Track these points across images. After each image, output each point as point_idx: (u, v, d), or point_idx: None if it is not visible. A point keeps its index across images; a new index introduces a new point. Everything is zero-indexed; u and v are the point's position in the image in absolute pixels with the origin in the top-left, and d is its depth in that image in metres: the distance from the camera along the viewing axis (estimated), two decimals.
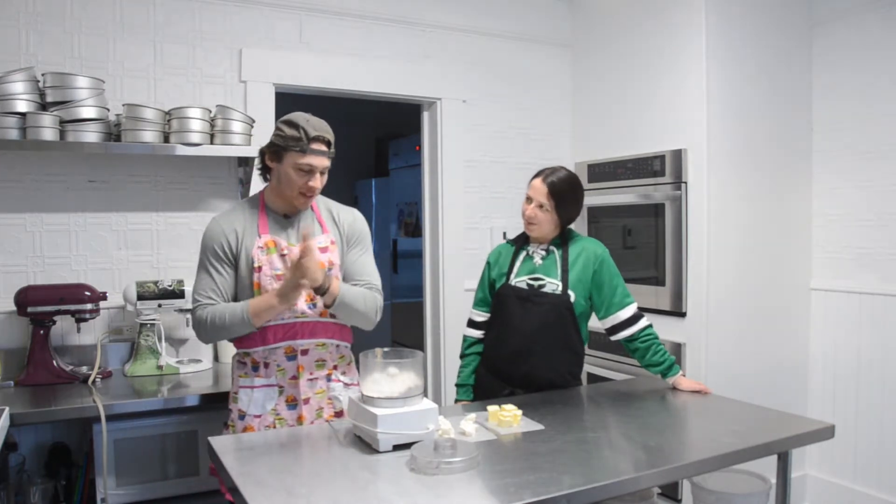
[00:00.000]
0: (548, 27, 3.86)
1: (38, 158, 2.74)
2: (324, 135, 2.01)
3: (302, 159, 1.98)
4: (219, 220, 2.09)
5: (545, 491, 1.49)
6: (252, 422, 2.04)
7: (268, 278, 2.01)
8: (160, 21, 2.94)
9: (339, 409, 2.11)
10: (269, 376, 2.06)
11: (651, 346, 2.37)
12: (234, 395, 2.09)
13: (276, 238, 2.05)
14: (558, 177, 2.35)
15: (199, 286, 2.05)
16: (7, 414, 2.04)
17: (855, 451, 3.25)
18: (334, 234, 2.15)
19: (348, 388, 2.15)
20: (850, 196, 3.28)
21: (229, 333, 2.03)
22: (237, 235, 2.05)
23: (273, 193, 2.10)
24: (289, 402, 2.06)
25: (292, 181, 2.01)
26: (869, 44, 3.18)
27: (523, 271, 2.39)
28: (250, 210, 2.10)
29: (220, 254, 2.04)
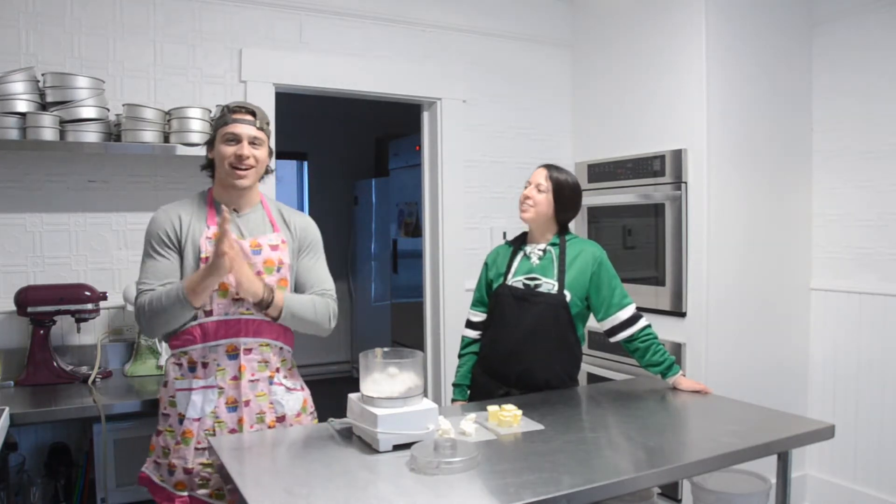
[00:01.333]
0: (548, 27, 3.86)
1: (38, 158, 2.74)
2: (244, 105, 2.05)
3: (226, 129, 2.01)
4: (165, 208, 2.07)
5: (545, 491, 1.49)
6: (191, 426, 1.95)
7: None
8: (160, 21, 2.94)
9: (282, 414, 2.04)
10: (207, 377, 1.97)
11: (651, 346, 2.37)
12: (171, 399, 1.99)
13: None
14: (562, 172, 2.41)
15: (141, 275, 1.99)
16: (7, 414, 2.04)
17: (855, 451, 3.25)
18: (285, 234, 2.11)
19: (291, 392, 2.08)
20: (850, 196, 3.28)
21: (169, 317, 1.93)
22: (181, 222, 2.01)
23: (219, 185, 2.09)
24: (229, 403, 1.97)
25: (222, 154, 2.01)
26: (869, 44, 3.18)
27: (520, 271, 2.40)
28: (199, 202, 2.09)
29: (165, 240, 2.00)
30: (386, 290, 6.02)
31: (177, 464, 1.95)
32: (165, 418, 2.01)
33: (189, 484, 1.95)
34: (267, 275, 2.02)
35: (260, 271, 2.00)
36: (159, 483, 1.98)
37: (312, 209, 6.41)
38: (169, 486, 1.96)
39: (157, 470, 1.99)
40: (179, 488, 1.96)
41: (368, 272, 6.26)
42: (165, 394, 2.03)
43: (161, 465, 1.98)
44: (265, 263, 2.02)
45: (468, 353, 2.54)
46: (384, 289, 6.07)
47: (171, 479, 1.96)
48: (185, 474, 1.94)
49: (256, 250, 2.02)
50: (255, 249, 2.02)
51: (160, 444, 2.00)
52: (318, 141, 6.31)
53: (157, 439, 2.01)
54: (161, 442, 2.00)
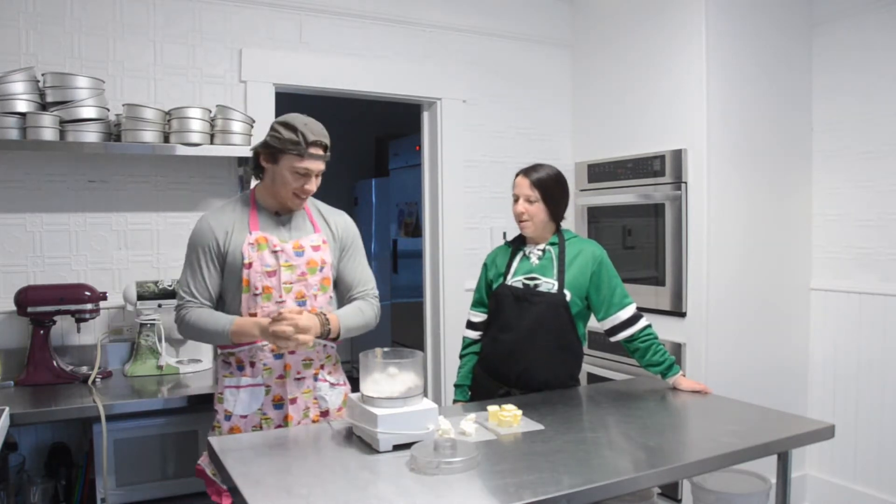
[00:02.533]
0: (548, 27, 3.86)
1: (38, 158, 2.74)
2: (321, 139, 2.02)
3: (299, 163, 1.98)
4: (209, 217, 2.08)
5: (545, 491, 1.49)
6: (238, 422, 2.03)
7: (258, 275, 2.01)
8: (160, 21, 2.94)
9: (326, 409, 2.11)
10: (255, 376, 2.04)
11: (651, 345, 2.37)
12: (220, 396, 2.07)
13: (267, 235, 2.04)
14: (541, 171, 2.38)
15: (185, 284, 2.05)
16: (7, 414, 2.04)
17: (855, 451, 3.25)
18: (326, 233, 2.15)
19: (334, 388, 2.15)
20: (850, 196, 3.28)
21: (208, 340, 2.05)
22: (226, 233, 2.04)
23: (265, 192, 2.10)
24: (275, 401, 2.05)
25: (287, 183, 2.01)
26: (869, 44, 3.18)
27: (520, 271, 2.40)
28: (241, 207, 2.10)
29: (209, 252, 2.03)
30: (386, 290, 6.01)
31: None
32: (215, 415, 2.09)
33: None
34: (310, 275, 2.06)
35: (304, 272, 2.05)
36: (211, 476, 2.02)
37: None
38: (219, 481, 2.00)
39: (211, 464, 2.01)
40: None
41: None
42: (216, 391, 2.11)
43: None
44: (308, 264, 2.06)
45: (469, 354, 2.54)
46: (384, 289, 6.07)
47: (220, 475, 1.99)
48: None
49: (299, 252, 2.06)
50: (298, 251, 2.06)
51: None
52: None
53: (212, 433, 2.06)
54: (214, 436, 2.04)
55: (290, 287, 2.03)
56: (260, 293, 2.01)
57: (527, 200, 2.35)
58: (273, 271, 2.02)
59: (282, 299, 2.02)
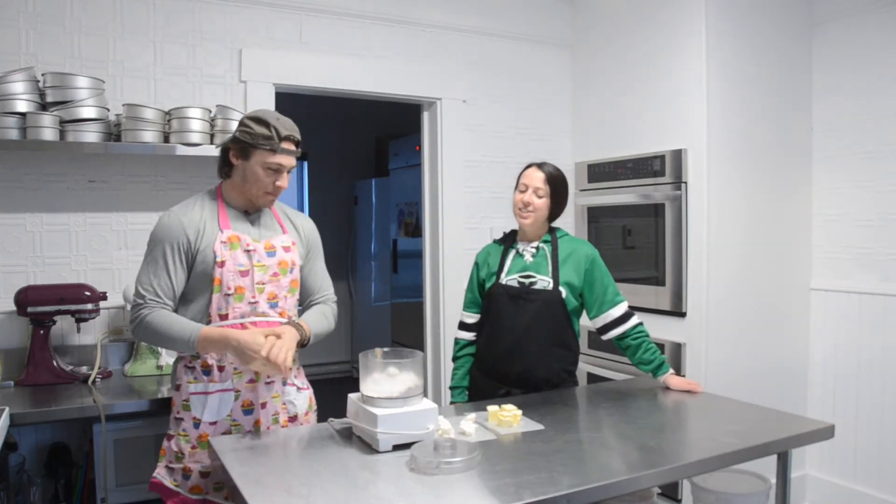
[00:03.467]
0: (548, 27, 3.86)
1: (38, 158, 2.74)
2: (294, 134, 1.98)
3: (272, 158, 1.93)
4: (177, 214, 1.98)
5: (545, 491, 1.49)
6: (207, 429, 1.94)
7: (230, 274, 1.94)
8: (160, 21, 2.94)
9: (294, 414, 2.06)
10: (224, 380, 1.96)
11: (642, 343, 2.38)
12: (185, 403, 1.96)
13: (239, 234, 1.98)
14: (552, 167, 2.40)
15: (146, 280, 1.92)
16: (7, 414, 2.04)
17: (855, 451, 3.25)
18: (293, 235, 2.11)
19: (301, 392, 2.10)
20: (850, 196, 3.28)
21: (164, 346, 1.96)
22: (197, 230, 1.95)
23: (234, 190, 2.03)
24: (245, 406, 1.97)
25: (260, 180, 1.96)
26: (869, 44, 3.18)
27: (514, 269, 2.39)
28: (210, 203, 2.03)
29: (178, 249, 1.93)
30: (386, 290, 6.01)
31: (193, 467, 1.94)
32: (178, 422, 1.97)
33: (205, 487, 1.95)
34: (282, 276, 2.03)
35: (276, 272, 2.02)
36: (173, 487, 1.95)
37: (312, 209, 6.40)
38: (184, 491, 1.94)
39: (171, 475, 1.96)
40: (195, 492, 1.94)
41: (368, 272, 6.26)
42: (178, 398, 1.98)
43: (175, 469, 1.95)
44: (279, 265, 2.03)
45: (465, 356, 2.53)
46: (384, 289, 6.07)
47: (186, 483, 1.94)
48: (203, 478, 1.94)
49: (271, 252, 2.02)
50: (270, 251, 2.02)
51: (173, 448, 1.96)
52: (318, 141, 6.31)
53: (170, 444, 1.97)
54: (174, 447, 1.96)
55: (262, 287, 1.98)
56: (232, 293, 1.94)
57: (535, 193, 2.35)
58: (246, 271, 1.96)
59: (254, 300, 1.97)
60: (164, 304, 1.93)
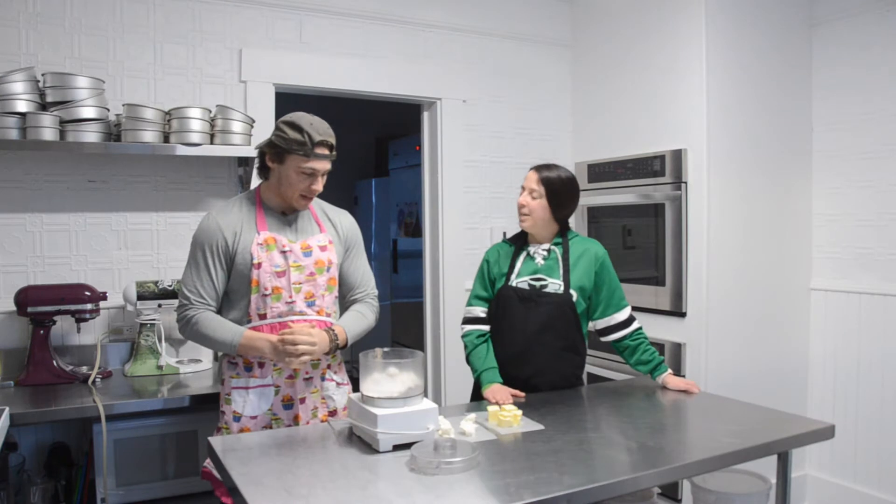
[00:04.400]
0: (548, 27, 3.86)
1: (38, 158, 2.74)
2: (327, 139, 2.01)
3: (305, 163, 1.98)
4: (216, 216, 2.05)
5: (545, 491, 1.49)
6: (248, 423, 2.02)
7: (267, 275, 2.00)
8: (160, 21, 2.94)
9: (333, 409, 2.12)
10: (264, 376, 2.04)
11: (640, 344, 2.39)
12: (227, 397, 2.05)
13: (276, 235, 2.04)
14: (553, 170, 2.37)
15: (190, 282, 2.02)
16: (7, 414, 2.04)
17: (855, 451, 3.25)
18: (332, 234, 2.16)
19: (340, 387, 2.16)
20: (850, 196, 3.28)
21: (209, 346, 2.06)
22: (235, 233, 2.02)
23: (271, 192, 2.09)
24: (285, 401, 2.05)
25: (294, 183, 2.01)
26: (869, 43, 3.18)
27: (525, 272, 2.37)
28: (248, 206, 2.08)
29: (217, 252, 2.01)
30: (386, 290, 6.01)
31: None
32: (222, 416, 2.07)
33: None
34: (318, 275, 2.07)
35: (313, 272, 2.06)
36: (220, 478, 1.97)
37: None
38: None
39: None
40: None
41: None
42: (222, 392, 2.08)
43: None
44: (316, 264, 2.07)
45: (482, 343, 2.38)
46: (384, 289, 6.07)
47: None
48: None
49: (307, 252, 2.06)
50: (306, 251, 2.06)
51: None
52: None
53: (218, 435, 2.03)
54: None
55: (299, 287, 2.03)
56: (269, 293, 2.00)
57: (530, 194, 2.34)
58: (282, 271, 2.02)
59: (291, 300, 2.02)
60: (208, 305, 2.02)
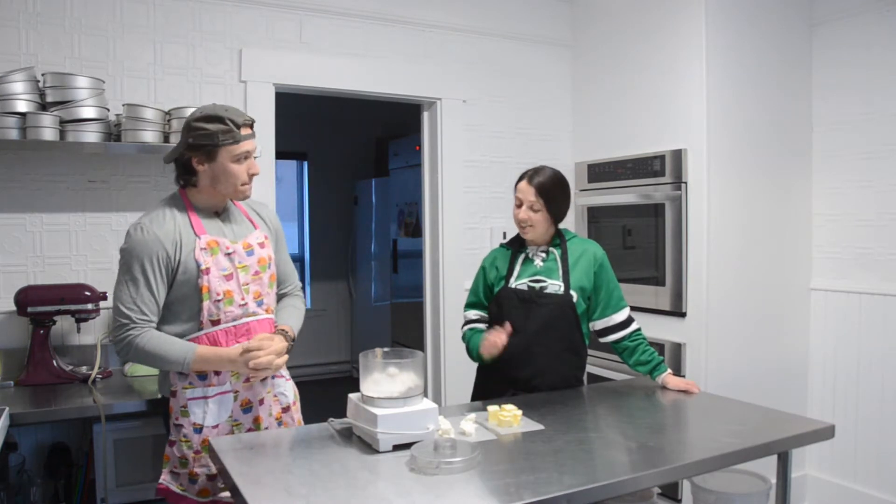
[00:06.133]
0: (548, 27, 3.86)
1: (38, 158, 2.74)
2: (248, 119, 1.99)
3: (238, 149, 1.94)
4: (150, 227, 1.91)
5: (545, 491, 1.49)
6: (210, 433, 1.93)
7: (216, 280, 1.93)
8: (160, 21, 2.94)
9: (287, 405, 2.09)
10: (222, 383, 1.95)
11: (639, 345, 2.39)
12: (184, 409, 1.93)
13: (217, 238, 1.98)
14: (544, 176, 2.34)
15: (128, 300, 1.88)
16: (7, 414, 2.04)
17: (855, 451, 3.25)
18: (264, 229, 2.13)
19: (287, 382, 2.14)
20: (850, 196, 3.28)
21: (157, 366, 1.96)
22: (175, 242, 1.91)
23: (202, 194, 2.00)
24: (244, 405, 1.99)
25: (233, 174, 1.95)
26: (869, 43, 3.18)
27: (524, 274, 2.37)
28: (179, 212, 1.98)
29: (158, 264, 1.89)
30: (386, 290, 6.01)
31: (199, 472, 1.93)
32: (178, 429, 1.95)
33: (213, 489, 1.95)
34: (262, 273, 2.04)
35: (257, 271, 2.03)
36: (180, 492, 1.95)
37: (312, 209, 6.40)
38: (191, 495, 1.95)
39: (177, 479, 1.95)
40: (203, 495, 1.95)
41: (368, 272, 6.26)
42: (175, 404, 1.95)
43: (180, 474, 1.95)
44: (259, 262, 2.04)
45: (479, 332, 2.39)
46: (384, 289, 6.07)
47: (193, 488, 1.95)
48: (210, 480, 1.94)
49: (249, 251, 2.03)
50: (248, 251, 2.03)
51: (176, 454, 1.94)
52: (318, 141, 6.31)
53: (172, 450, 1.96)
54: (177, 452, 1.94)
55: (248, 288, 1.99)
56: (221, 298, 1.94)
57: (530, 208, 2.31)
58: (230, 274, 1.96)
59: (244, 301, 1.97)
60: (150, 322, 1.91)
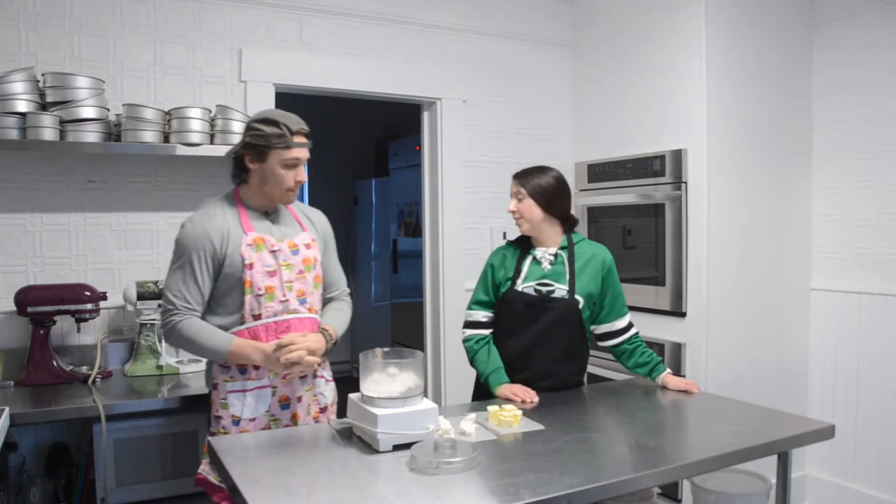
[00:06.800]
0: (548, 27, 3.86)
1: (38, 158, 2.74)
2: (303, 127, 2.06)
3: (288, 154, 2.01)
4: (201, 221, 2.02)
5: (545, 491, 1.49)
6: (247, 426, 2.01)
7: (259, 275, 2.00)
8: (160, 21, 2.94)
9: (325, 405, 2.14)
10: (260, 377, 2.03)
11: (637, 347, 2.39)
12: (223, 401, 2.02)
13: (263, 235, 2.05)
14: (530, 170, 2.37)
15: (175, 288, 1.99)
16: (7, 414, 2.04)
17: (855, 451, 3.25)
18: (312, 232, 2.19)
19: (328, 383, 2.19)
20: (850, 196, 3.28)
21: (196, 353, 2.03)
22: (223, 235, 2.00)
23: (252, 192, 2.08)
24: (282, 401, 2.06)
25: (280, 178, 2.02)
26: (869, 43, 3.18)
27: (531, 276, 2.34)
28: (230, 208, 2.07)
29: (206, 257, 1.98)
30: (386, 290, 6.01)
31: None
32: (217, 420, 2.03)
33: None
34: (307, 272, 2.09)
35: (301, 270, 2.08)
36: (217, 483, 1.98)
37: None
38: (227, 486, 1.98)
39: (215, 470, 1.97)
40: None
41: (368, 272, 6.26)
42: (216, 396, 2.05)
43: None
44: (304, 262, 2.09)
45: (484, 346, 2.36)
46: (384, 289, 6.07)
47: None
48: None
49: (294, 251, 2.08)
50: (294, 250, 2.08)
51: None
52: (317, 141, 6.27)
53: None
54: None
55: (290, 286, 2.05)
56: (263, 293, 2.01)
57: (516, 197, 2.35)
58: (273, 271, 2.03)
59: (285, 298, 2.03)
60: (194, 311, 2.00)
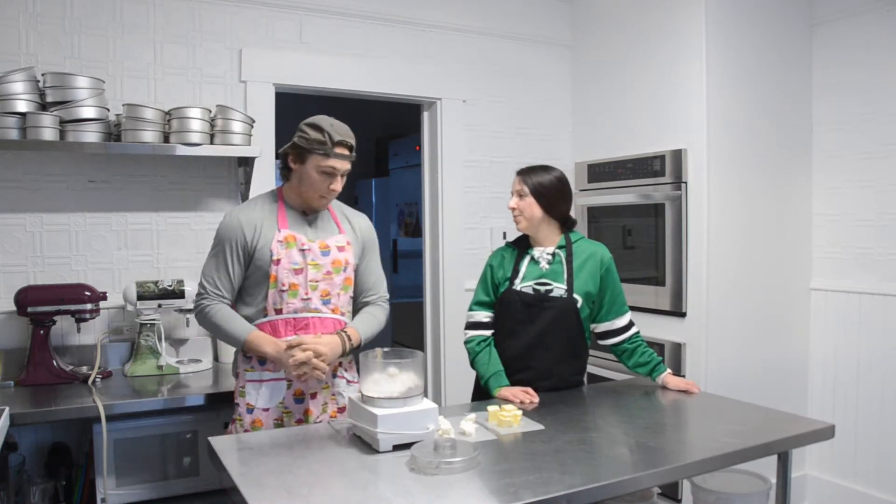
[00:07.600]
0: (548, 27, 3.86)
1: (38, 158, 2.74)
2: (347, 139, 2.07)
3: (325, 162, 2.04)
4: (238, 213, 2.13)
5: (545, 491, 1.49)
6: (260, 415, 2.08)
7: (285, 271, 2.06)
8: (160, 21, 2.94)
9: (343, 406, 2.16)
10: (277, 370, 2.08)
11: (638, 347, 2.39)
12: (241, 390, 2.11)
13: (295, 233, 2.10)
14: (535, 168, 2.38)
15: (209, 274, 2.10)
16: (7, 414, 2.04)
17: (855, 451, 3.25)
18: (350, 235, 2.21)
19: (350, 385, 2.20)
20: (850, 196, 3.28)
21: (219, 338, 2.15)
22: (255, 229, 2.08)
23: (292, 192, 2.15)
24: (296, 395, 2.10)
25: (314, 183, 2.07)
26: (869, 43, 3.18)
27: (529, 276, 2.35)
28: (270, 204, 2.15)
29: (237, 248, 2.07)
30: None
31: None
32: (236, 408, 2.12)
33: None
34: (335, 274, 2.12)
35: (329, 271, 2.11)
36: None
37: None
38: None
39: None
40: None
41: None
42: (237, 385, 2.14)
43: None
44: (333, 264, 2.12)
45: (486, 348, 2.36)
46: None
47: None
48: None
49: (325, 251, 2.12)
50: (324, 251, 2.12)
51: (233, 432, 2.09)
52: None
53: (232, 427, 2.12)
54: (234, 430, 2.10)
55: (315, 285, 2.09)
56: (286, 289, 2.06)
57: (517, 195, 2.35)
58: (300, 269, 2.07)
59: (307, 296, 2.08)
60: (223, 298, 2.10)
